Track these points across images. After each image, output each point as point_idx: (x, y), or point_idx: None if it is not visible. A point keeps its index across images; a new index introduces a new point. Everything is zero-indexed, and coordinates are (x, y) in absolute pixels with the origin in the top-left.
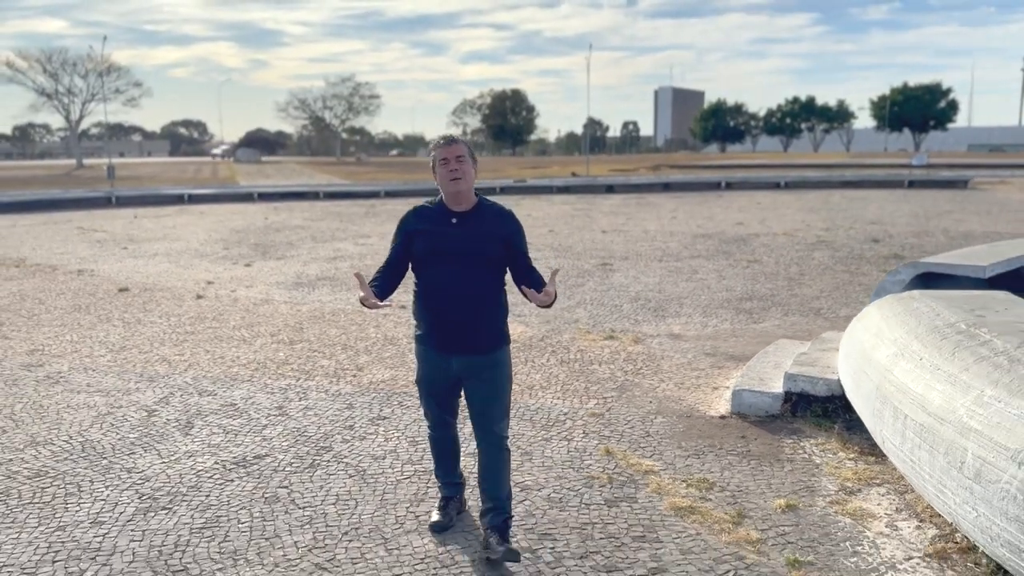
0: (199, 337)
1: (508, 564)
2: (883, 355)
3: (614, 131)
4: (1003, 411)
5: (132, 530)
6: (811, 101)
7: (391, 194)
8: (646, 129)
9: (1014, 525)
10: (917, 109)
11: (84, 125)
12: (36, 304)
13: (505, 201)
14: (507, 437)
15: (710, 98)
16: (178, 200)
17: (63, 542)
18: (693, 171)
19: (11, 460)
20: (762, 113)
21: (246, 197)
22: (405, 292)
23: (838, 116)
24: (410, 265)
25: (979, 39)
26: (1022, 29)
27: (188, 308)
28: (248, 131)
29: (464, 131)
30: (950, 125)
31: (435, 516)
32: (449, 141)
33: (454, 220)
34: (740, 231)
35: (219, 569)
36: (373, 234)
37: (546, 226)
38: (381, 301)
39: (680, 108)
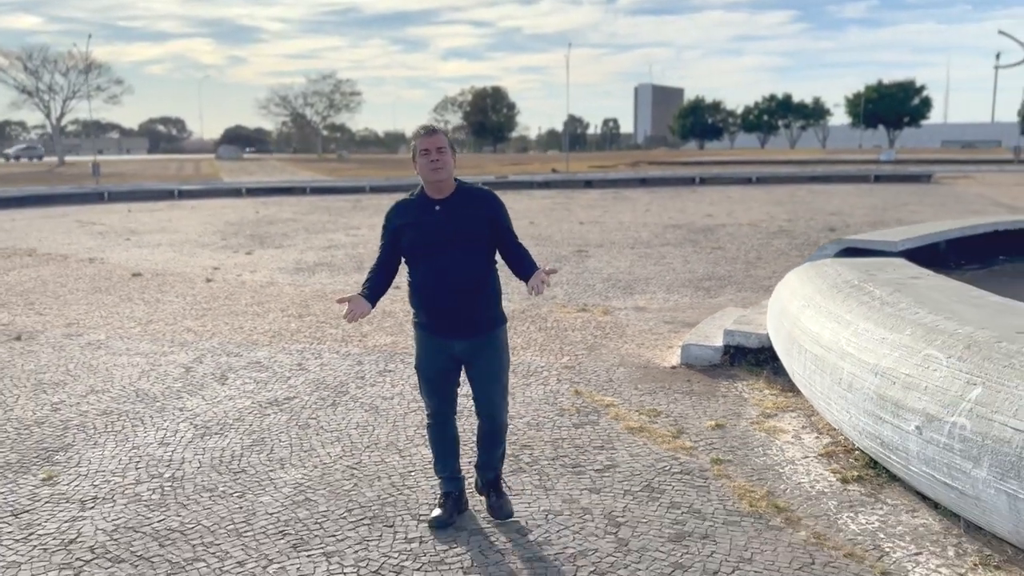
0: (216, 312)
1: (505, 517)
2: (795, 307)
3: (594, 128)
4: (869, 338)
5: (193, 448)
6: (787, 99)
7: (376, 189)
8: (626, 126)
9: (871, 418)
10: (891, 106)
11: (62, 123)
12: (58, 287)
13: None
14: (506, 412)
15: (690, 95)
16: (168, 195)
17: (140, 456)
18: (670, 167)
19: (78, 403)
20: (740, 110)
21: (234, 192)
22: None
23: (814, 113)
24: (402, 258)
25: (955, 37)
26: (997, 27)
27: (200, 290)
28: (227, 128)
29: (446, 127)
30: (924, 122)
31: (436, 512)
32: (429, 132)
33: (437, 208)
34: (708, 222)
35: (270, 471)
36: (363, 226)
37: (527, 218)
38: (376, 298)
39: (660, 105)
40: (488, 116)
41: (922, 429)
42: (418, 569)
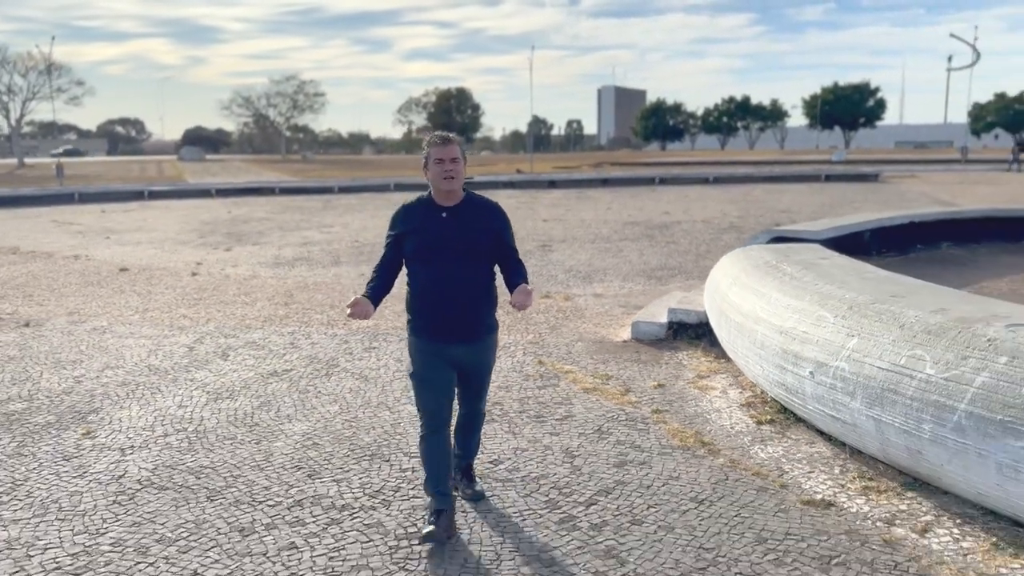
0: (207, 302)
1: (475, 501)
2: (724, 285)
3: (558, 129)
4: (777, 305)
5: (209, 409)
6: (746, 100)
7: (344, 189)
8: (590, 127)
9: (777, 369)
10: (847, 108)
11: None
12: (51, 281)
13: None
14: (485, 403)
15: (652, 97)
16: (139, 196)
17: (162, 416)
18: (632, 168)
19: (96, 377)
20: (700, 112)
21: (204, 193)
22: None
23: (772, 115)
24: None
25: (909, 40)
26: (949, 30)
27: (188, 282)
28: (187, 129)
29: (410, 129)
30: (879, 123)
31: (427, 529)
32: (445, 141)
33: (444, 215)
34: (665, 219)
35: (279, 424)
36: (335, 224)
37: None
38: (378, 299)
39: (623, 107)
40: (453, 117)
41: (814, 374)
42: (412, 489)
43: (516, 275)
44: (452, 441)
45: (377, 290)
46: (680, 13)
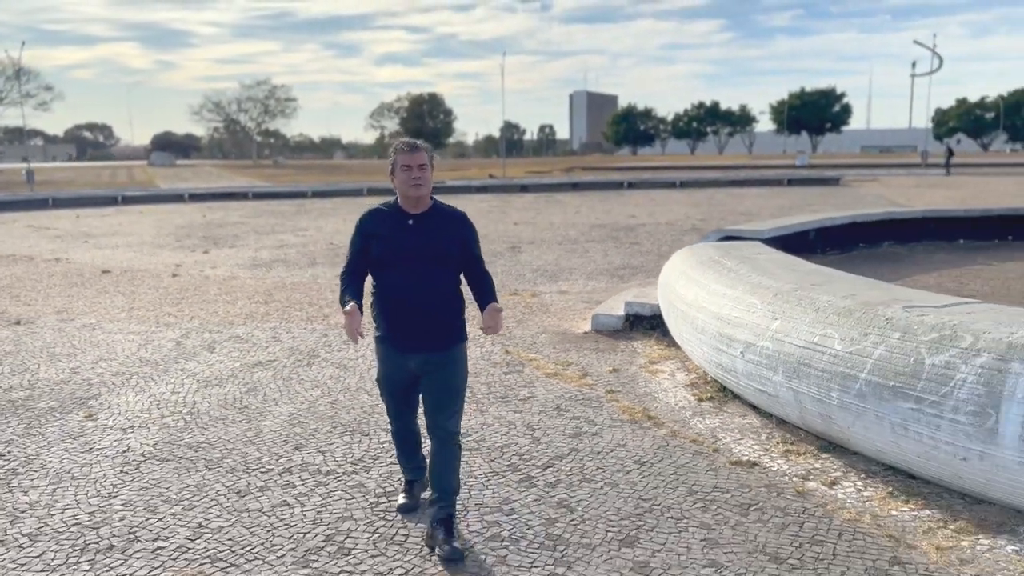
0: (190, 301)
1: (452, 563)
2: (672, 278)
3: (531, 134)
4: (716, 294)
5: (200, 395)
6: (715, 106)
7: (318, 194)
8: (562, 132)
9: (715, 350)
10: (813, 113)
11: None
12: (35, 283)
13: None
14: (459, 433)
15: (624, 102)
16: (112, 201)
17: (158, 401)
18: (602, 173)
19: (91, 368)
20: (670, 117)
21: (177, 198)
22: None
23: (740, 120)
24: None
25: (876, 45)
26: (914, 36)
27: (169, 283)
28: (156, 134)
29: (382, 134)
30: (845, 128)
31: (401, 499)
32: (412, 147)
33: (410, 222)
34: (631, 222)
35: (267, 407)
36: (310, 227)
37: None
38: (359, 306)
39: (595, 112)
40: (425, 122)
41: (744, 353)
42: (389, 458)
43: (484, 291)
44: (428, 485)
45: (356, 293)
46: (650, 19)
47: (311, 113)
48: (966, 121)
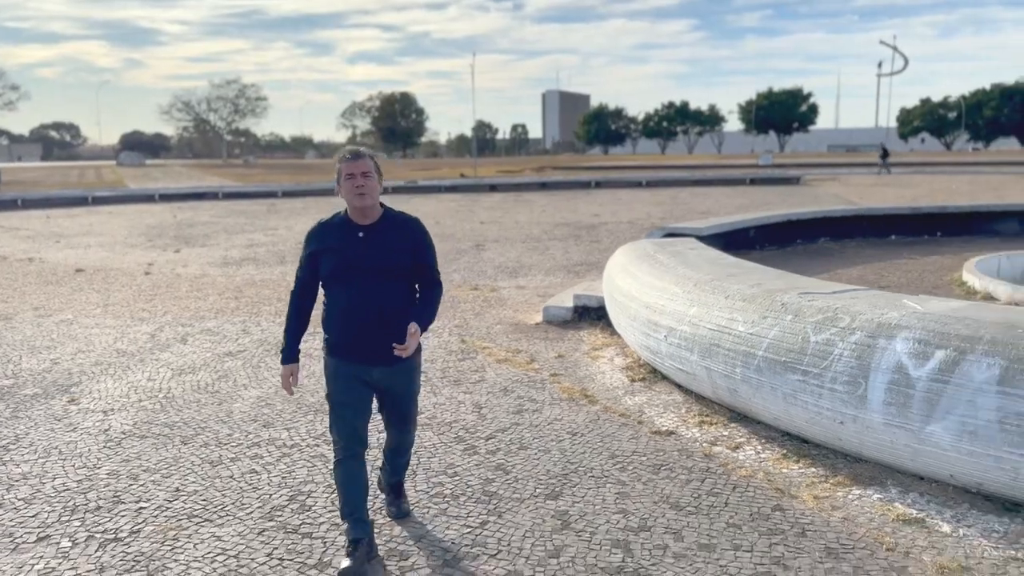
0: (162, 297)
1: (401, 517)
2: (613, 272)
3: (504, 133)
4: (646, 285)
5: (175, 381)
6: (684, 106)
7: (288, 194)
8: (535, 132)
9: (644, 335)
10: (781, 113)
11: None
12: (10, 281)
13: (396, 200)
14: (415, 426)
15: (596, 101)
16: (83, 202)
17: (135, 387)
18: (572, 172)
19: (72, 358)
20: (641, 117)
21: (148, 198)
22: None
23: (709, 120)
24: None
25: (844, 45)
26: (881, 37)
27: (142, 281)
28: (125, 133)
29: (354, 133)
30: (813, 127)
31: (344, 563)
32: (355, 156)
33: (361, 234)
34: (594, 220)
35: (237, 391)
36: (280, 227)
37: (433, 219)
38: (299, 343)
39: (567, 111)
40: (397, 122)
41: (667, 337)
42: None
43: (423, 305)
44: (381, 460)
45: (297, 334)
46: (622, 18)
47: (282, 112)
48: (929, 120)
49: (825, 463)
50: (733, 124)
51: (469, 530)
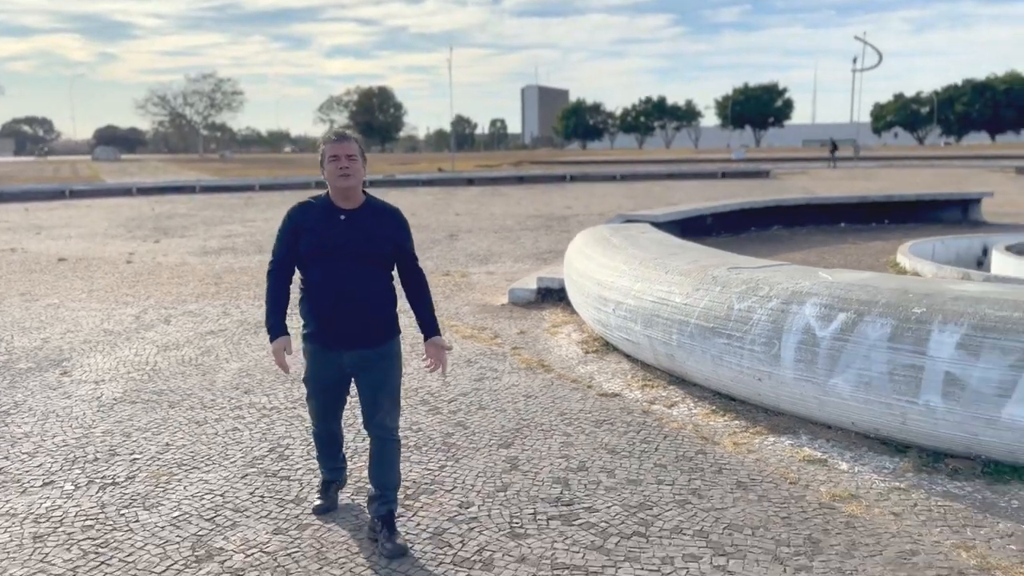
0: (145, 283)
1: (396, 559)
2: (573, 255)
3: (483, 128)
4: (598, 265)
5: (161, 356)
6: (662, 101)
7: (265, 187)
8: (514, 127)
9: (596, 310)
10: (756, 108)
11: None
12: None
13: (374, 194)
14: (397, 428)
15: (575, 96)
16: (60, 195)
17: (124, 361)
18: (549, 166)
19: (62, 337)
20: (619, 112)
21: (125, 192)
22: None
23: (686, 115)
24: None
25: (821, 40)
26: (857, 32)
27: (124, 269)
28: (99, 128)
29: (331, 128)
30: (788, 122)
31: (317, 501)
32: (340, 138)
33: (342, 217)
34: (566, 212)
35: (219, 363)
36: (257, 219)
37: (410, 211)
38: (285, 317)
39: (546, 106)
40: (375, 116)
41: (615, 310)
42: None
43: (420, 293)
44: (370, 482)
45: (281, 309)
46: (601, 13)
47: (259, 106)
48: (903, 115)
49: (748, 416)
50: (710, 119)
51: (429, 472)
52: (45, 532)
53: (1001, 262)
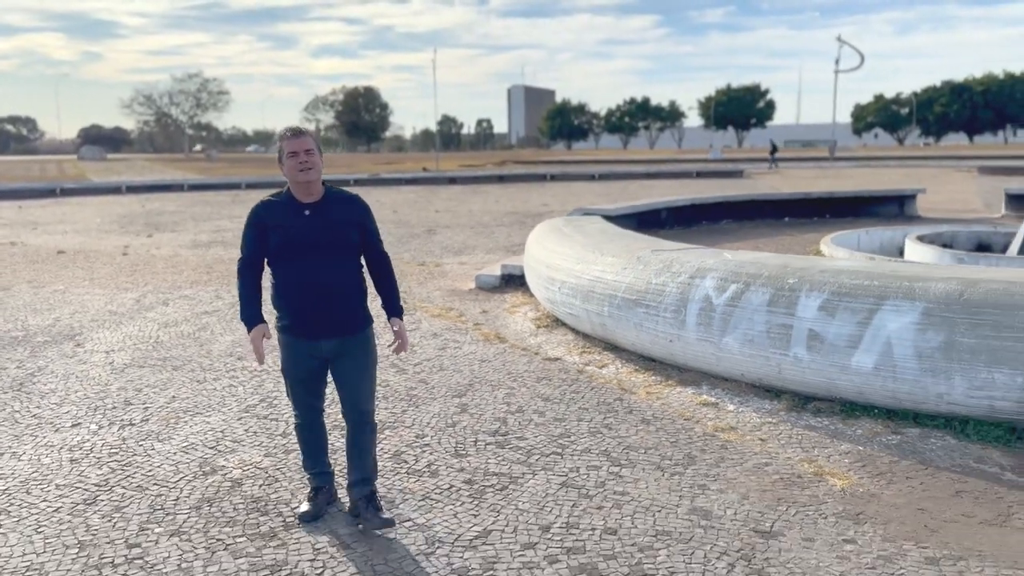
0: (142, 272)
1: (384, 529)
2: (531, 243)
3: (469, 128)
4: (551, 252)
5: (163, 331)
6: (646, 101)
7: (252, 185)
8: (500, 126)
9: (545, 289)
10: (739, 109)
11: None
12: None
13: (358, 192)
14: (374, 412)
15: (561, 97)
16: (51, 193)
17: (129, 336)
18: (532, 166)
19: (71, 316)
20: (604, 113)
21: (115, 190)
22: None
23: (670, 116)
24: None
25: (805, 42)
26: (842, 33)
27: (121, 260)
28: (84, 127)
29: (318, 128)
30: (771, 123)
31: (304, 507)
32: (296, 133)
33: (306, 212)
34: (542, 209)
35: (215, 337)
36: (244, 215)
37: (391, 208)
38: (260, 308)
39: (533, 106)
40: (361, 116)
41: (560, 288)
42: None
43: (385, 275)
44: (348, 469)
45: (256, 298)
46: (587, 14)
47: (244, 106)
48: (883, 116)
49: (663, 373)
50: (694, 120)
51: (393, 415)
52: (79, 457)
53: (911, 250)
